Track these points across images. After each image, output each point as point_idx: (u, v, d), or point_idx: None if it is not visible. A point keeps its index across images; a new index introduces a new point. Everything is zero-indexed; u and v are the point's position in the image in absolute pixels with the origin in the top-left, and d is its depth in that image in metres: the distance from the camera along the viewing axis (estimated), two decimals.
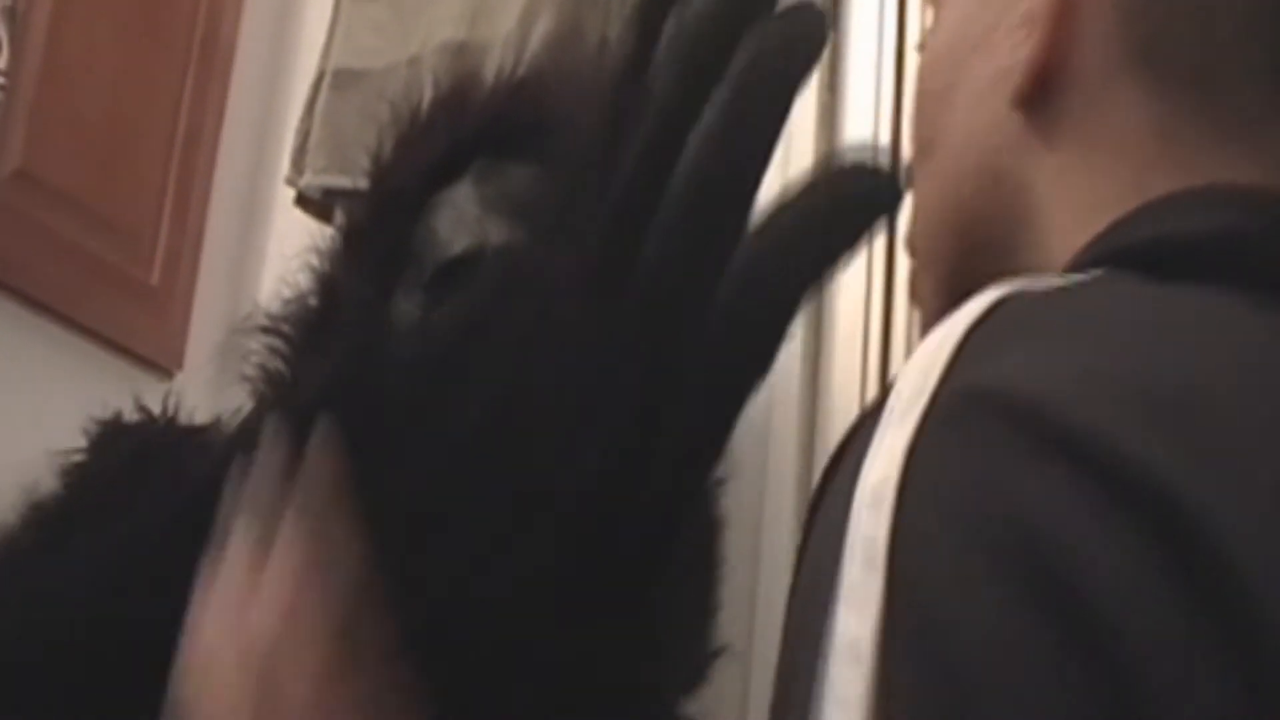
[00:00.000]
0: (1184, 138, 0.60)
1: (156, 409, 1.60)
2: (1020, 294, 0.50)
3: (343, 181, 1.46)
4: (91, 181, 1.59)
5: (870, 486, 0.45)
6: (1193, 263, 0.54)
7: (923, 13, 1.30)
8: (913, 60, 0.71)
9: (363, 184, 1.27)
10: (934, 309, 0.66)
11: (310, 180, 1.47)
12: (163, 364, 1.66)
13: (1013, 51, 0.62)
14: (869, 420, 0.47)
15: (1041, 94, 0.62)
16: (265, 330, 1.13)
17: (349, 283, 1.09)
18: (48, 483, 1.09)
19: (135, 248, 1.64)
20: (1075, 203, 0.61)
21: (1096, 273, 0.55)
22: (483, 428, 0.67)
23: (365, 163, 1.17)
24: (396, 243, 1.09)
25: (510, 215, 1.07)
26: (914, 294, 0.70)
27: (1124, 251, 0.56)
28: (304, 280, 1.15)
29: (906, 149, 0.71)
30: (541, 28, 1.35)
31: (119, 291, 1.62)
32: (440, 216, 1.09)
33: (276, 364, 1.12)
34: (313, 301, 1.11)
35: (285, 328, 1.11)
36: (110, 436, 1.02)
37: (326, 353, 1.07)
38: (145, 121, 1.66)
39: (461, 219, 1.08)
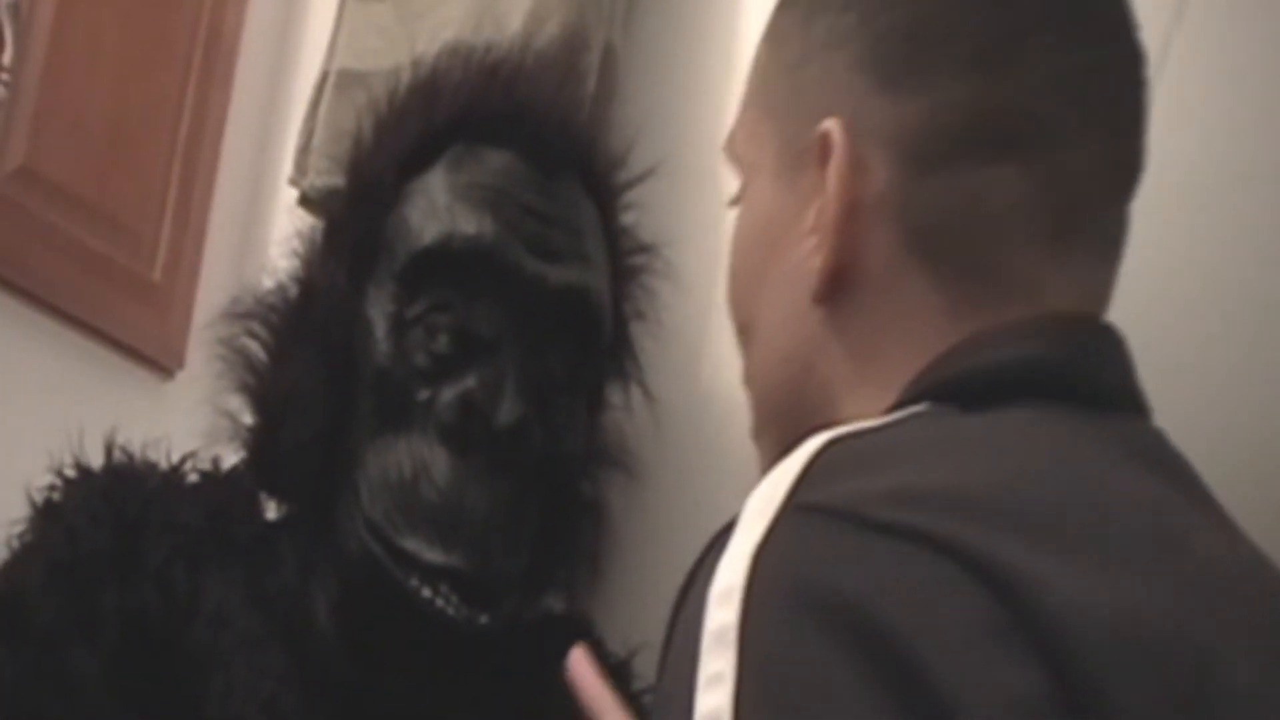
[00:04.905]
0: (966, 309, 0.67)
1: (156, 408, 1.60)
2: (845, 435, 0.59)
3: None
4: (94, 179, 1.59)
5: (720, 588, 0.53)
6: (999, 389, 0.63)
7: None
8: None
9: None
10: (772, 457, 0.75)
11: (313, 181, 1.47)
12: (164, 362, 1.66)
13: (807, 258, 0.69)
14: (721, 539, 0.56)
15: (838, 292, 0.69)
16: (247, 316, 1.14)
17: (325, 273, 1.10)
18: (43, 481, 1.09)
19: (137, 245, 1.64)
20: (869, 383, 0.68)
21: (916, 408, 0.63)
22: None
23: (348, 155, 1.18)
24: (369, 233, 1.11)
25: (480, 203, 1.08)
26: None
27: (940, 386, 0.64)
28: (285, 269, 1.16)
29: None
30: (548, 31, 1.34)
31: (120, 289, 1.62)
32: (412, 205, 1.09)
33: (256, 349, 1.13)
34: (292, 291, 1.12)
35: (268, 315, 1.12)
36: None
37: (304, 340, 1.09)
38: (148, 119, 1.66)
39: (433, 207, 1.08)
